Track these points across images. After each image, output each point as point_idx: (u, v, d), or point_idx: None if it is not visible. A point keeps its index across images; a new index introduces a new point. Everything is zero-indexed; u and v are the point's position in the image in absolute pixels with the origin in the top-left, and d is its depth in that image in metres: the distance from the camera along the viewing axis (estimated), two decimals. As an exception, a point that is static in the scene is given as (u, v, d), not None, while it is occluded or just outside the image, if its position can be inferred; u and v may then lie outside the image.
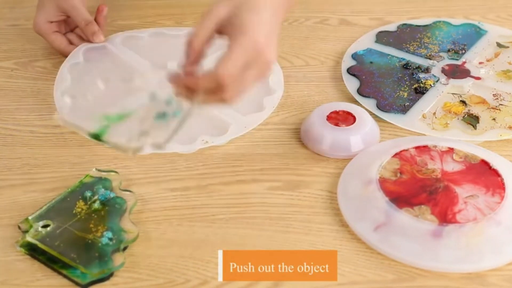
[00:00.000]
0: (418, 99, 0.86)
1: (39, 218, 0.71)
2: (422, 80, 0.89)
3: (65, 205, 0.73)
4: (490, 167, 0.74)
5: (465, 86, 0.88)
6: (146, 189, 0.76)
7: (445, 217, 0.69)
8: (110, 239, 0.69)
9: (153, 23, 1.03)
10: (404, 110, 0.85)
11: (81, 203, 0.73)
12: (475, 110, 0.85)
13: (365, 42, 0.97)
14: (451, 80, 0.89)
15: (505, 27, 0.99)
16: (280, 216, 0.73)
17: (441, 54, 0.94)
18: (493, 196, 0.71)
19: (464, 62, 0.92)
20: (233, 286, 0.66)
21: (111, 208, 0.73)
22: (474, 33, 0.97)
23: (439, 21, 0.99)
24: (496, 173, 0.74)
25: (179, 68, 0.69)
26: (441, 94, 0.87)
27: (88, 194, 0.74)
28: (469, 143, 0.78)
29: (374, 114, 0.84)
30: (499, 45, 0.96)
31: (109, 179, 0.76)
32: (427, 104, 0.86)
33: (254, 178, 0.77)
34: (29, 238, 0.69)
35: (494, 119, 0.83)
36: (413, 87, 0.88)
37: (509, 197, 0.71)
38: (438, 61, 0.92)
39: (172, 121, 0.67)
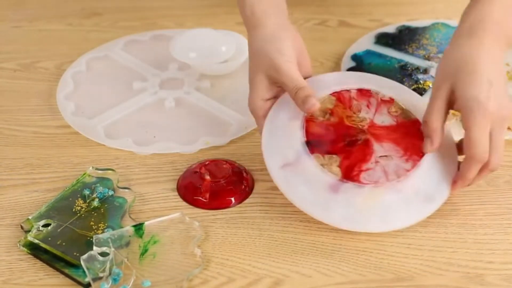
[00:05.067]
0: (417, 100, 0.87)
1: (40, 217, 0.72)
2: (421, 81, 0.90)
3: (65, 204, 0.74)
4: (419, 129, 0.71)
5: (464, 87, 0.89)
6: (147, 189, 0.77)
7: (350, 173, 0.68)
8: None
9: (154, 25, 1.04)
10: (403, 111, 0.85)
11: (80, 202, 0.74)
12: (474, 111, 0.85)
13: (365, 43, 0.97)
14: (450, 81, 0.90)
15: (503, 29, 0.99)
16: (280, 216, 0.73)
17: (439, 55, 0.94)
18: (406, 162, 0.70)
19: (463, 64, 0.92)
20: (233, 285, 0.67)
21: (110, 206, 0.73)
22: (473, 35, 0.98)
23: (438, 23, 1.00)
24: (422, 137, 0.70)
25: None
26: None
27: (86, 192, 0.74)
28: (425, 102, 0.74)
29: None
30: (497, 46, 0.96)
31: (109, 177, 0.77)
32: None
33: (254, 178, 0.78)
34: (30, 237, 0.70)
35: (492, 120, 0.84)
36: (412, 88, 0.89)
37: (422, 167, 0.69)
38: (436, 63, 0.93)
39: None
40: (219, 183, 0.75)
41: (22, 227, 0.72)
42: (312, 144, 0.70)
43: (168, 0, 1.09)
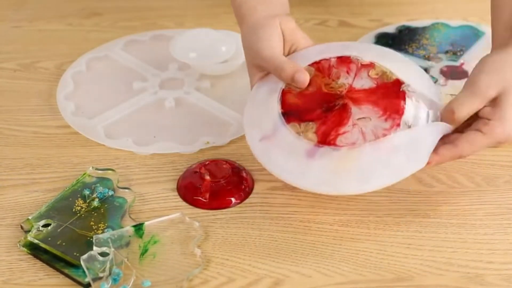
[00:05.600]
0: (417, 100, 0.87)
1: (40, 217, 0.72)
2: (421, 81, 0.90)
3: (65, 204, 0.74)
4: (399, 89, 0.70)
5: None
6: (147, 189, 0.77)
7: (326, 138, 0.68)
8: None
9: (154, 25, 1.04)
10: (403, 111, 0.85)
11: (80, 202, 0.74)
12: (474, 111, 0.85)
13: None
14: (450, 81, 0.90)
15: (503, 29, 1.00)
16: (280, 216, 0.73)
17: (439, 55, 0.94)
18: (385, 121, 0.69)
19: (463, 64, 0.93)
20: (233, 285, 0.67)
21: (110, 206, 0.73)
22: (472, 35, 0.98)
23: (438, 23, 1.00)
24: (403, 96, 0.70)
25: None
26: (440, 95, 0.88)
27: (86, 192, 0.75)
28: (409, 67, 0.74)
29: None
30: (497, 46, 0.96)
31: (109, 178, 0.77)
32: (425, 105, 0.86)
33: (254, 178, 0.78)
34: (30, 237, 0.70)
35: (492, 120, 0.84)
36: (412, 88, 0.89)
37: (402, 126, 0.68)
38: (436, 63, 0.93)
39: None
40: (219, 183, 0.75)
41: (22, 227, 0.72)
42: (289, 114, 0.70)
43: (168, 0, 1.09)
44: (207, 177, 0.75)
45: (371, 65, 0.73)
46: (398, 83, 0.71)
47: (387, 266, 0.68)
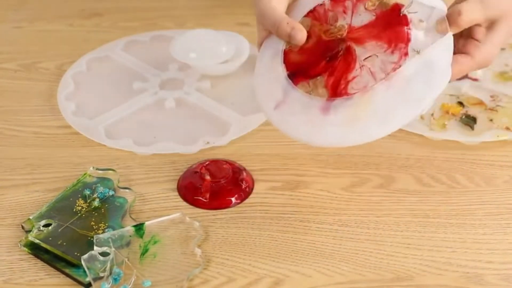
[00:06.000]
0: (416, 100, 0.87)
1: (40, 217, 0.72)
2: (420, 81, 0.90)
3: (65, 203, 0.74)
4: (399, 14, 0.67)
5: (463, 87, 0.89)
6: (147, 189, 0.77)
7: (336, 89, 0.66)
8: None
9: (154, 25, 1.04)
10: (402, 111, 0.85)
11: (80, 202, 0.74)
12: (473, 111, 0.86)
13: (364, 44, 0.97)
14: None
15: (503, 29, 1.00)
16: (280, 216, 0.73)
17: (439, 55, 0.94)
18: (392, 54, 0.66)
19: (462, 64, 0.93)
20: (233, 285, 0.67)
21: (111, 206, 0.74)
22: (472, 35, 0.98)
23: (438, 23, 1.00)
24: (405, 21, 0.66)
25: None
26: (439, 95, 0.88)
27: (87, 192, 0.75)
28: None
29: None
30: (496, 47, 0.96)
31: (109, 178, 0.77)
32: (425, 105, 0.86)
33: (254, 178, 0.78)
34: (31, 237, 0.70)
35: (491, 120, 0.84)
36: (411, 88, 0.89)
37: (410, 54, 0.65)
38: (436, 63, 0.93)
39: None
40: (219, 183, 0.75)
41: (23, 227, 0.72)
42: (295, 74, 0.68)
43: (168, 0, 1.09)
44: (207, 177, 0.75)
45: None
46: (397, 7, 0.67)
47: (386, 266, 0.68)
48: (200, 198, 0.75)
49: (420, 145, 0.82)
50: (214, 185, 0.75)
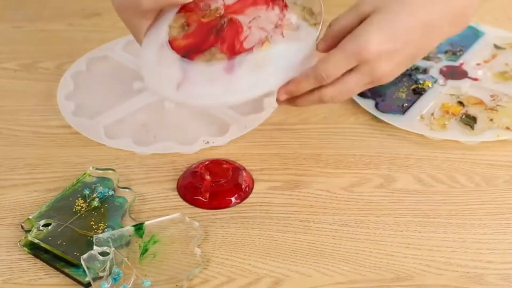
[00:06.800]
0: (416, 100, 0.87)
1: (40, 217, 0.72)
2: (420, 81, 0.90)
3: (65, 203, 0.74)
4: None
5: (463, 87, 0.89)
6: (147, 189, 0.77)
7: (234, 50, 0.70)
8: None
9: (154, 25, 1.04)
10: (402, 110, 0.85)
11: (80, 201, 0.74)
12: (473, 111, 0.86)
13: (364, 43, 0.97)
14: (449, 81, 0.90)
15: (502, 29, 1.00)
16: (280, 216, 0.73)
17: (439, 55, 0.94)
18: (273, 10, 0.71)
19: (462, 64, 0.93)
20: (233, 285, 0.67)
21: (110, 206, 0.74)
22: (472, 35, 0.98)
23: (438, 23, 1.00)
24: None
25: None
26: (439, 95, 0.88)
27: (87, 192, 0.75)
28: None
29: (373, 115, 0.85)
30: (496, 46, 0.96)
31: (109, 177, 0.77)
32: (425, 105, 0.86)
33: (254, 178, 0.78)
34: (31, 237, 0.70)
35: (491, 119, 0.84)
36: (411, 88, 0.89)
37: (290, 6, 0.71)
38: (436, 63, 0.93)
39: None
40: (219, 183, 0.75)
41: (22, 227, 0.72)
42: (189, 53, 0.71)
43: (168, 0, 1.09)
44: (207, 177, 0.75)
45: None
46: None
47: (386, 265, 0.68)
48: (199, 198, 0.75)
49: (420, 145, 0.82)
50: (214, 185, 0.75)
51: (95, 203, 0.74)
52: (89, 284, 0.66)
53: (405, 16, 0.66)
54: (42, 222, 0.71)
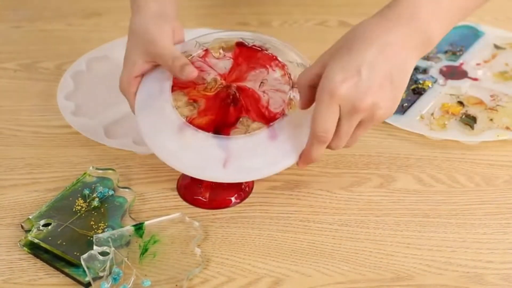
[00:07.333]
0: (416, 100, 0.87)
1: (40, 217, 0.72)
2: (420, 81, 0.90)
3: (65, 203, 0.74)
4: (247, 46, 0.73)
5: (463, 87, 0.89)
6: (147, 189, 0.77)
7: (265, 116, 0.70)
8: (112, 238, 0.70)
9: (154, 25, 1.04)
10: (402, 110, 0.86)
11: (80, 201, 0.74)
12: (473, 110, 0.86)
13: (364, 43, 0.97)
14: (449, 81, 0.90)
15: (502, 29, 1.00)
16: (279, 216, 0.73)
17: (439, 55, 0.94)
18: (274, 71, 0.71)
19: (462, 64, 0.93)
20: (233, 285, 0.67)
21: (110, 206, 0.74)
22: (472, 35, 0.98)
23: (438, 23, 1.00)
24: (257, 48, 0.73)
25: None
26: (439, 95, 0.88)
27: (87, 192, 0.75)
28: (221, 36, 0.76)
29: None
30: (496, 46, 0.96)
31: (109, 177, 0.77)
32: (425, 104, 0.86)
33: (254, 178, 0.78)
34: (31, 237, 0.70)
35: (491, 119, 0.84)
36: (411, 88, 0.89)
37: (287, 64, 0.72)
38: (436, 63, 0.93)
39: None
40: (219, 183, 0.75)
41: (22, 227, 0.72)
42: (219, 131, 0.70)
43: (168, 0, 1.09)
44: None
45: (207, 52, 0.74)
46: (240, 43, 0.73)
47: (386, 265, 0.68)
48: (199, 197, 0.75)
49: (420, 145, 0.82)
50: (214, 184, 0.75)
51: (95, 203, 0.74)
52: (89, 284, 0.66)
53: (356, 47, 0.65)
54: (42, 222, 0.71)
